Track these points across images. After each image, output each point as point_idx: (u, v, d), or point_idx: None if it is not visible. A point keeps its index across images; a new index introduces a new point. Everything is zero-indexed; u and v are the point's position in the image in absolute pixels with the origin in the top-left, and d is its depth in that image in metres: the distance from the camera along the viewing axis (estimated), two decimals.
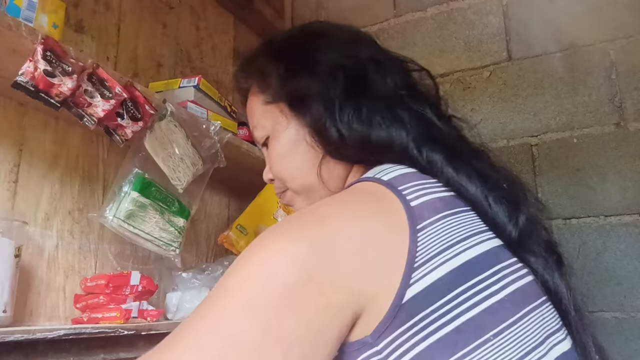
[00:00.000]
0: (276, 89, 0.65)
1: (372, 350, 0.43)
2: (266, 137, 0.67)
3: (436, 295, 0.44)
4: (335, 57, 0.63)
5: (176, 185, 0.98)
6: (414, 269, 0.44)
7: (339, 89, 0.60)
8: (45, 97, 0.75)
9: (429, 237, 0.46)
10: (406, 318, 0.43)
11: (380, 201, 0.49)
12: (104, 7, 1.12)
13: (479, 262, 0.47)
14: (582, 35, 1.30)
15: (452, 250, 0.46)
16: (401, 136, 0.57)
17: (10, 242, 0.78)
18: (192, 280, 1.12)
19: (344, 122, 0.58)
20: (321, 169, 0.62)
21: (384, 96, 0.60)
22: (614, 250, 1.20)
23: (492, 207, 0.53)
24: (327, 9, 1.73)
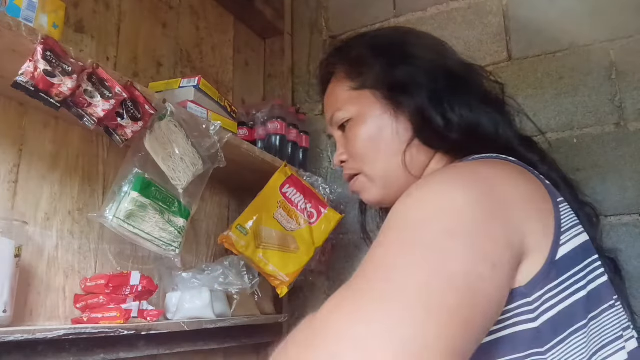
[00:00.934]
0: (375, 76, 0.69)
1: (525, 300, 0.46)
2: (347, 119, 0.72)
3: (576, 260, 0.49)
4: (432, 55, 0.70)
5: (176, 185, 0.98)
6: (561, 233, 0.49)
7: (441, 82, 0.66)
8: (45, 97, 0.75)
9: (564, 211, 0.52)
10: (557, 275, 0.47)
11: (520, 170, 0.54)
12: (104, 7, 1.12)
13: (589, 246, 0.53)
14: (582, 35, 1.30)
15: (576, 229, 0.52)
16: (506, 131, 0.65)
17: (10, 242, 0.78)
18: (192, 280, 1.12)
19: (454, 110, 0.64)
20: (405, 155, 0.67)
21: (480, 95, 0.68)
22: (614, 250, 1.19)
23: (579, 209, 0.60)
24: (327, 8, 1.73)
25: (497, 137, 0.64)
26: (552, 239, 0.48)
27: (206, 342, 1.15)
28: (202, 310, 1.08)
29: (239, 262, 1.20)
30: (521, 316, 0.46)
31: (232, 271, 1.16)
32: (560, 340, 0.46)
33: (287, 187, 1.27)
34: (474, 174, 0.51)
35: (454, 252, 0.40)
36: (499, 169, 0.53)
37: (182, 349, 1.08)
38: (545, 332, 0.46)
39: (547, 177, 0.58)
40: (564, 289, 0.47)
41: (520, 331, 0.46)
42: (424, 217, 0.44)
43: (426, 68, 0.67)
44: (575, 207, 0.58)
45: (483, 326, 0.40)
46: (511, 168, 0.55)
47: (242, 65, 1.61)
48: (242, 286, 1.15)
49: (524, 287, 0.46)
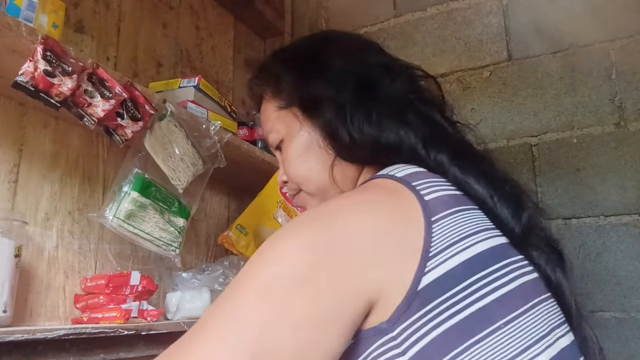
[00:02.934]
0: (289, 94, 0.68)
1: (388, 336, 0.44)
2: (280, 140, 0.70)
3: (450, 284, 0.46)
4: (345, 63, 0.66)
5: (176, 185, 0.98)
6: (429, 258, 0.46)
7: (349, 94, 0.63)
8: (45, 97, 0.75)
9: (442, 229, 0.48)
10: (422, 305, 0.44)
11: (395, 195, 0.52)
12: (104, 7, 1.12)
13: (489, 255, 0.49)
14: (582, 35, 1.30)
15: (464, 242, 0.48)
16: (409, 137, 0.60)
17: (10, 242, 0.78)
18: (192, 280, 1.12)
19: (354, 125, 0.61)
20: (333, 170, 0.65)
21: (393, 100, 0.64)
22: (614, 250, 1.20)
23: (497, 206, 0.56)
24: (327, 8, 1.73)
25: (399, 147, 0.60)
26: (415, 269, 0.45)
27: None
28: (202, 310, 1.08)
29: (239, 262, 1.20)
30: (387, 353, 0.44)
31: (232, 271, 1.16)
32: None
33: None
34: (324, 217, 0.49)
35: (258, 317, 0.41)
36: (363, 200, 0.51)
37: None
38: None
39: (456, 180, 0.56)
40: (432, 318, 0.44)
41: None
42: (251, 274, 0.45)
43: (335, 79, 0.64)
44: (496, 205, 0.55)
45: None
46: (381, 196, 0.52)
47: (242, 65, 1.61)
48: None
49: (385, 324, 0.44)
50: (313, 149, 0.66)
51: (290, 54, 0.73)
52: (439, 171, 0.57)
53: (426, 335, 0.44)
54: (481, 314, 0.46)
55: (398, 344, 0.44)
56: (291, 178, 0.70)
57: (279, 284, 0.43)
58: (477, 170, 0.58)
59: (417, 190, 0.51)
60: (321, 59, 0.67)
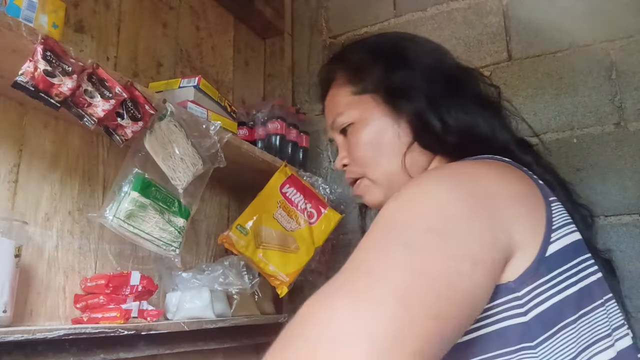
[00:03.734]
0: (374, 81, 0.71)
1: (514, 295, 0.47)
2: (349, 124, 0.73)
3: (567, 257, 0.50)
4: (430, 60, 0.71)
5: (176, 185, 0.98)
6: (552, 230, 0.50)
7: (439, 86, 0.67)
8: (45, 97, 0.75)
9: (556, 209, 0.53)
10: (547, 271, 0.48)
11: (512, 170, 0.55)
12: (104, 7, 1.12)
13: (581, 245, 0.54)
14: (582, 35, 1.30)
15: (569, 227, 0.53)
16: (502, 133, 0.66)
17: (10, 242, 0.78)
18: (192, 280, 1.12)
19: (451, 113, 0.65)
20: (405, 158, 0.68)
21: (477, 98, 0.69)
22: (614, 250, 1.19)
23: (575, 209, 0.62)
24: (327, 8, 1.73)
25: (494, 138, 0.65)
26: (543, 236, 0.49)
27: (206, 342, 1.15)
28: (202, 310, 1.08)
29: (239, 262, 1.20)
30: (510, 311, 0.47)
31: (232, 271, 1.16)
32: (549, 335, 0.47)
33: (287, 187, 1.27)
34: (461, 173, 0.52)
35: (434, 251, 0.41)
36: (490, 168, 0.55)
37: (182, 349, 1.08)
38: (534, 326, 0.46)
39: (542, 178, 0.59)
40: (554, 285, 0.48)
41: (510, 326, 0.47)
42: (407, 216, 0.45)
43: (424, 73, 0.68)
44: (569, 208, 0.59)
45: (460, 324, 0.41)
46: (504, 167, 0.56)
47: (242, 65, 1.61)
48: (242, 286, 1.15)
49: (512, 283, 0.46)
50: (387, 136, 0.69)
51: (374, 45, 0.76)
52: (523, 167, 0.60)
53: (547, 300, 0.47)
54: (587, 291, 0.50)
55: (522, 304, 0.46)
56: (359, 162, 0.72)
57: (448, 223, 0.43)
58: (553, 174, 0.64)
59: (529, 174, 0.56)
60: (407, 54, 0.71)
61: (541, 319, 0.47)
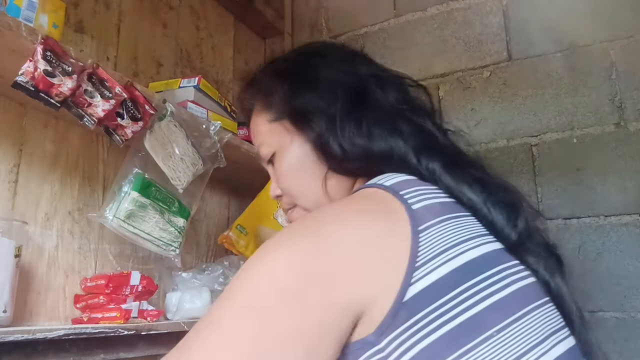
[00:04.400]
0: (279, 106, 0.67)
1: (375, 348, 0.44)
2: (272, 154, 0.69)
3: (438, 293, 0.45)
4: (334, 74, 0.66)
5: (176, 185, 0.98)
6: (415, 268, 0.45)
7: (339, 105, 0.62)
8: (45, 97, 0.75)
9: (430, 238, 0.47)
10: (408, 316, 0.44)
11: (381, 204, 0.51)
12: (104, 7, 1.12)
13: (481, 262, 0.48)
14: (582, 35, 1.30)
15: (453, 251, 0.47)
16: (400, 146, 0.59)
17: (10, 242, 0.78)
18: (192, 280, 1.12)
19: (345, 136, 0.61)
20: (327, 183, 0.64)
21: (384, 109, 0.63)
22: (614, 250, 1.19)
23: (491, 212, 0.55)
24: (327, 8, 1.73)
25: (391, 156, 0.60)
26: (401, 280, 0.44)
27: None
28: (202, 310, 1.08)
29: (239, 262, 1.20)
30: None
31: (232, 271, 1.16)
32: None
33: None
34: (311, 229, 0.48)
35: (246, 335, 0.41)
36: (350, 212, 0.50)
37: None
38: None
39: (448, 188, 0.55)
40: (420, 328, 0.43)
41: None
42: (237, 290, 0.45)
43: (325, 91, 0.64)
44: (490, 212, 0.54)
45: None
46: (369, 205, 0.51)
47: (242, 65, 1.61)
48: None
49: (372, 335, 0.44)
50: (306, 162, 0.65)
51: (279, 66, 0.72)
52: (431, 179, 0.56)
53: (414, 347, 0.43)
54: (472, 323, 0.45)
55: (385, 356, 0.43)
56: (285, 192, 0.70)
57: (266, 299, 0.42)
58: (470, 177, 0.57)
59: (405, 199, 0.50)
60: (310, 71, 0.67)
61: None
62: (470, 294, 0.46)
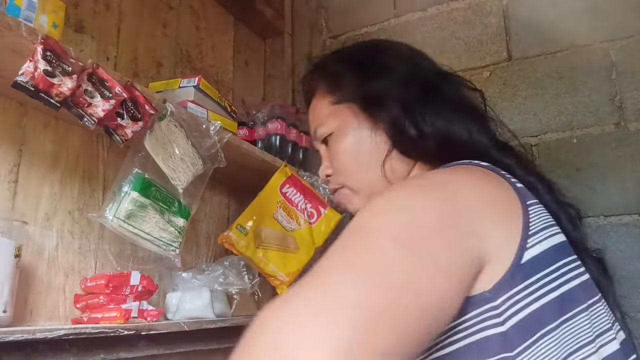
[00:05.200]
0: (350, 90, 0.71)
1: (490, 304, 0.46)
2: (329, 134, 0.73)
3: (546, 262, 0.49)
4: (407, 67, 0.71)
5: (176, 185, 0.98)
6: (529, 236, 0.49)
7: (415, 93, 0.66)
8: (45, 97, 0.75)
9: (535, 213, 0.52)
10: (524, 278, 0.47)
11: (489, 175, 0.55)
12: (104, 7, 1.12)
13: (563, 247, 0.53)
14: (582, 35, 1.30)
15: (550, 230, 0.52)
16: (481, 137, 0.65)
17: (10, 242, 0.78)
18: (192, 280, 1.12)
19: (426, 120, 0.65)
20: (385, 166, 0.68)
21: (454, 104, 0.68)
22: (614, 250, 1.19)
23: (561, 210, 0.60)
24: (327, 8, 1.73)
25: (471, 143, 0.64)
26: (518, 242, 0.48)
27: (206, 342, 1.15)
28: (202, 310, 1.08)
29: (239, 262, 1.20)
30: (488, 321, 0.46)
31: (232, 271, 1.16)
32: (529, 344, 0.46)
33: (287, 187, 1.27)
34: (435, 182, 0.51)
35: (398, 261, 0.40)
36: (465, 175, 0.54)
37: (182, 349, 1.08)
38: (513, 335, 0.45)
39: (523, 180, 0.58)
40: (532, 292, 0.47)
41: (488, 336, 0.46)
42: (377, 225, 0.44)
43: (400, 79, 0.68)
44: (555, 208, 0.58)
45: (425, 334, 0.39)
46: (480, 173, 0.55)
47: (242, 65, 1.61)
48: (242, 286, 1.15)
49: (488, 292, 0.46)
50: (366, 144, 0.69)
51: (350, 54, 0.77)
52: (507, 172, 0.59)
53: (526, 308, 0.46)
54: (569, 296, 0.49)
55: (499, 314, 0.46)
56: (340, 171, 0.73)
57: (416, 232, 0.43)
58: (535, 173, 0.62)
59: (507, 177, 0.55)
60: (383, 61, 0.71)
61: (519, 327, 0.46)
62: (567, 270, 0.51)
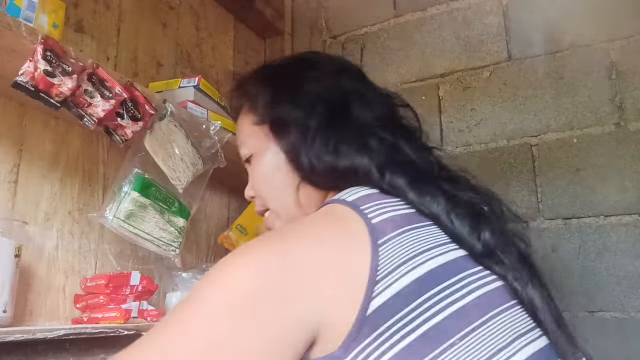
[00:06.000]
0: (262, 111, 0.69)
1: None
2: (250, 155, 0.71)
3: (399, 305, 0.46)
4: (318, 88, 0.66)
5: (176, 185, 0.98)
6: (375, 282, 0.46)
7: (316, 120, 0.63)
8: (45, 97, 0.75)
9: (390, 250, 0.48)
10: (372, 329, 0.45)
11: (342, 221, 0.52)
12: (104, 7, 1.12)
13: (442, 271, 0.49)
14: (582, 35, 1.30)
15: (414, 261, 0.48)
16: (364, 163, 0.60)
17: (10, 242, 0.78)
18: (192, 280, 1.12)
19: (314, 151, 0.62)
20: (299, 193, 0.65)
21: (358, 126, 0.64)
22: (614, 250, 1.19)
23: (454, 223, 0.55)
24: (327, 8, 1.73)
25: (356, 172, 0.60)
26: (363, 294, 0.45)
27: None
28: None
29: None
30: None
31: None
32: None
33: None
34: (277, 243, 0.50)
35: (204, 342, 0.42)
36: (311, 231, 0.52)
37: None
38: None
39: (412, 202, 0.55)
40: (387, 339, 0.44)
41: None
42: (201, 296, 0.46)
43: (305, 102, 0.65)
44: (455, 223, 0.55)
45: None
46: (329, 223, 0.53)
47: (242, 65, 1.61)
48: None
49: (337, 352, 0.45)
50: (280, 169, 0.66)
51: (270, 72, 0.74)
52: (395, 194, 0.56)
53: (383, 356, 0.44)
54: (434, 332, 0.45)
55: None
56: (258, 194, 0.71)
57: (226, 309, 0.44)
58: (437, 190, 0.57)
59: (365, 214, 0.51)
60: (296, 82, 0.68)
61: None
62: (432, 304, 0.47)
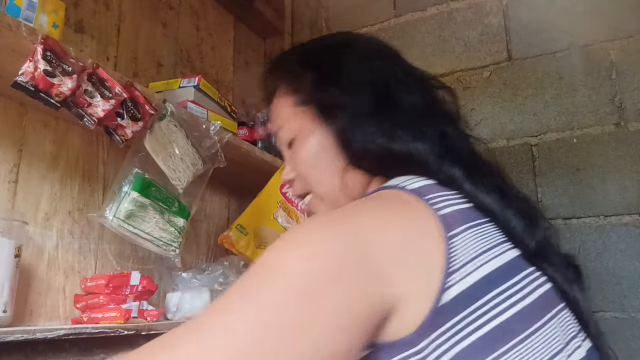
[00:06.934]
0: (307, 93, 0.66)
1: (412, 350, 0.44)
2: (292, 138, 0.68)
3: (471, 299, 0.46)
4: (363, 71, 0.65)
5: (176, 185, 0.98)
6: (449, 274, 0.46)
7: (366, 103, 0.62)
8: (45, 97, 0.75)
9: (460, 245, 0.48)
10: (445, 320, 0.45)
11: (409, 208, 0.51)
12: (104, 7, 1.12)
13: (506, 269, 0.50)
14: (582, 35, 1.30)
15: (482, 258, 0.48)
16: (422, 151, 0.59)
17: (10, 242, 0.78)
18: (192, 280, 1.12)
19: (367, 134, 0.60)
20: (344, 176, 0.63)
21: (408, 112, 0.62)
22: (614, 250, 1.19)
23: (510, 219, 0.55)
24: (327, 8, 1.73)
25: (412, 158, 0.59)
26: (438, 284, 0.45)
27: None
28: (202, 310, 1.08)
29: (239, 262, 1.20)
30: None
31: (232, 271, 1.16)
32: None
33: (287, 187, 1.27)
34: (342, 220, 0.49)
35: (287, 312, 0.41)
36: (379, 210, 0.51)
37: None
38: None
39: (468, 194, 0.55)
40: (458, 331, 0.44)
41: None
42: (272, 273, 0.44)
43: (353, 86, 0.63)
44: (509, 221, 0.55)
45: None
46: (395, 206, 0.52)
47: (242, 65, 1.61)
48: None
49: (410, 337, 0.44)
50: (327, 151, 0.64)
51: (311, 52, 0.71)
52: (451, 185, 0.55)
53: (449, 350, 0.44)
54: (503, 328, 0.46)
55: (422, 357, 0.44)
56: (301, 178, 0.69)
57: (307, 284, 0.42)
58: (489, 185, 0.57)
59: (432, 204, 0.50)
60: (341, 64, 0.66)
61: None
62: (500, 300, 0.47)
